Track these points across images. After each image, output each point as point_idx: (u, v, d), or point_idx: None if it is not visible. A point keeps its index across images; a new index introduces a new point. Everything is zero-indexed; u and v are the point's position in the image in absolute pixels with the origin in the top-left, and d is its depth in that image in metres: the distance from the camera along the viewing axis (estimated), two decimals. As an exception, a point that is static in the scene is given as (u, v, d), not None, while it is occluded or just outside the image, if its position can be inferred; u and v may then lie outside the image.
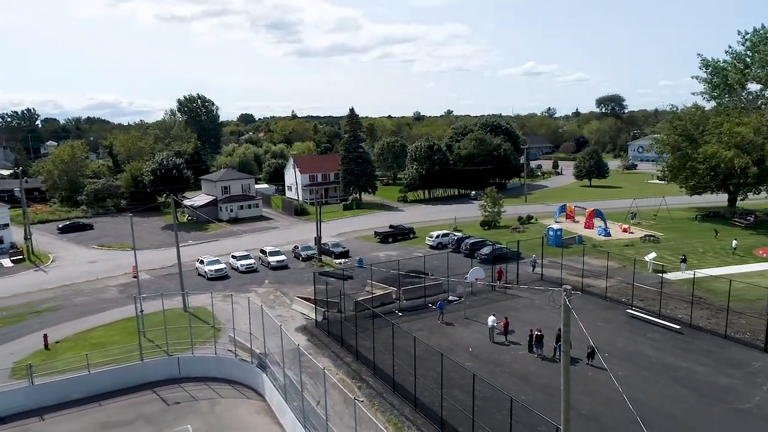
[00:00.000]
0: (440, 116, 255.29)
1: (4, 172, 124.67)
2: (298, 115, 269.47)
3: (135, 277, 43.69)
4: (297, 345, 24.96)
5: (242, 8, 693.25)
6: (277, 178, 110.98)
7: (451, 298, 40.33)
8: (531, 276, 45.62)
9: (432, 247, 57.47)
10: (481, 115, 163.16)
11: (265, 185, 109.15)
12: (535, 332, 30.86)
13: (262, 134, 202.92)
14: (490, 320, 33.34)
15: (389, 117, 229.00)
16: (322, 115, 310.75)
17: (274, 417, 26.04)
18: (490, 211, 68.22)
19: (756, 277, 42.46)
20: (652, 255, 47.66)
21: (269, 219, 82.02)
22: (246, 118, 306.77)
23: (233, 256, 53.03)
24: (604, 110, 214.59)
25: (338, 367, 30.61)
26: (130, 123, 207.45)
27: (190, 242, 65.56)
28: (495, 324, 33.24)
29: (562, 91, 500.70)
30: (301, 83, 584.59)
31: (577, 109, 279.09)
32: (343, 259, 54.34)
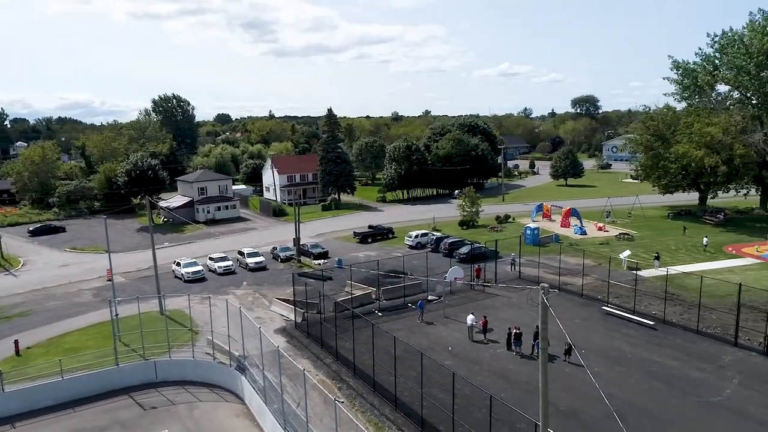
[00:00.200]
0: (418, 116, 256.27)
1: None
2: (276, 116, 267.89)
3: (110, 281, 42.87)
4: (276, 347, 24.79)
5: (219, 7, 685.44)
6: (254, 178, 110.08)
7: (430, 298, 40.51)
8: (509, 275, 46.08)
9: (411, 247, 57.65)
10: (459, 116, 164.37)
11: (243, 186, 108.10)
12: (514, 330, 31.18)
13: (239, 135, 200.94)
14: (469, 319, 33.59)
15: (367, 117, 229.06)
16: (299, 115, 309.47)
17: (254, 420, 25.82)
18: (469, 210, 68.72)
19: (726, 273, 43.61)
20: (627, 253, 48.59)
21: (247, 220, 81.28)
22: (222, 119, 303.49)
23: (211, 258, 52.42)
24: (579, 111, 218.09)
25: (318, 368, 30.50)
26: (104, 123, 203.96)
27: (167, 244, 64.60)
28: (474, 323, 33.50)
29: (538, 92, 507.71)
30: (278, 83, 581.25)
31: (553, 110, 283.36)
32: (322, 260, 54.16)
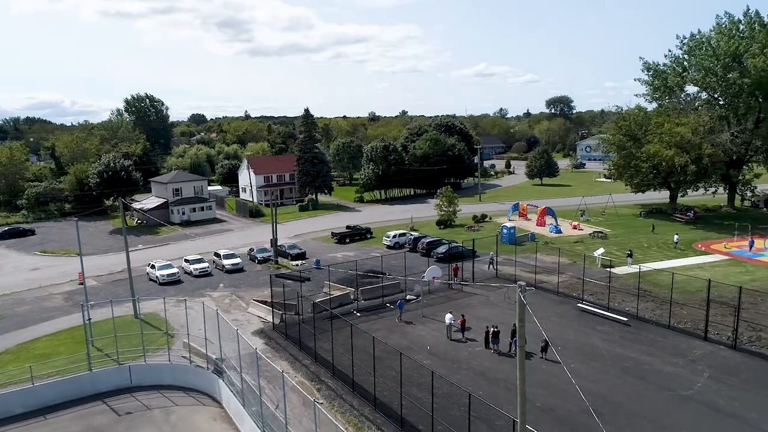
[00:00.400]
0: (395, 117, 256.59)
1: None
2: (252, 116, 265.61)
3: (81, 284, 41.88)
4: (254, 349, 24.60)
5: (191, 6, 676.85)
6: (230, 179, 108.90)
7: (408, 297, 40.63)
8: (486, 273, 46.50)
9: (389, 247, 57.73)
10: (436, 116, 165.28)
11: (219, 187, 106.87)
12: (492, 329, 31.48)
13: (214, 135, 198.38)
14: (448, 318, 33.80)
15: (344, 117, 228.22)
16: (276, 115, 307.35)
17: (232, 423, 25.57)
18: (446, 210, 69.12)
19: (696, 270, 44.76)
20: (601, 251, 49.46)
21: (223, 221, 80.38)
22: (197, 119, 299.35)
23: (186, 260, 51.69)
24: (553, 111, 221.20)
25: (297, 369, 30.34)
26: (74, 123, 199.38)
27: (141, 246, 63.51)
28: (452, 321, 33.71)
29: (514, 92, 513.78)
30: (254, 83, 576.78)
31: (528, 110, 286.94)
32: (300, 261, 53.87)
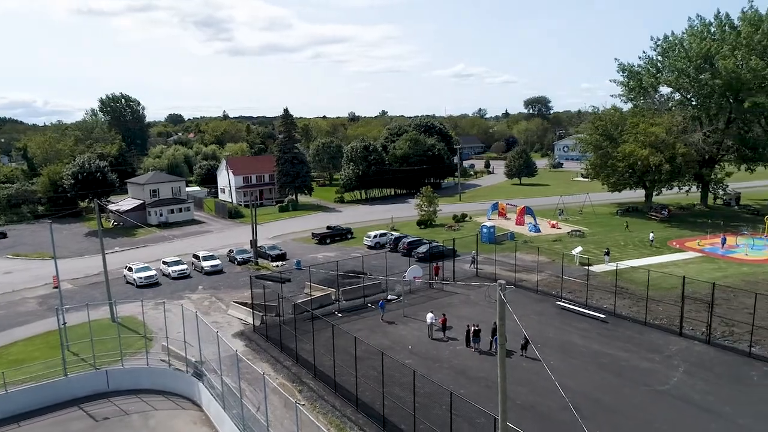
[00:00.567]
0: (375, 117, 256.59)
1: None
2: (230, 116, 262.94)
3: (56, 288, 41.04)
4: (235, 351, 24.38)
5: (168, 4, 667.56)
6: (209, 180, 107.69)
7: (390, 297, 40.69)
8: (467, 272, 46.79)
9: (370, 247, 57.72)
10: (415, 116, 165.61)
11: (197, 188, 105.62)
12: (473, 327, 31.70)
13: (192, 135, 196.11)
14: (429, 317, 33.94)
15: (324, 117, 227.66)
16: (255, 115, 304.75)
17: (212, 426, 25.29)
18: (426, 210, 69.37)
19: (671, 267, 45.70)
20: (579, 249, 50.17)
21: (202, 222, 79.45)
22: (174, 119, 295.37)
23: (164, 262, 50.99)
24: (531, 111, 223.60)
25: (278, 371, 30.16)
26: (47, 124, 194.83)
27: (117, 249, 62.46)
28: (434, 321, 33.87)
29: (492, 93, 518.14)
30: (232, 83, 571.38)
31: (507, 110, 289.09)
32: (281, 262, 53.54)
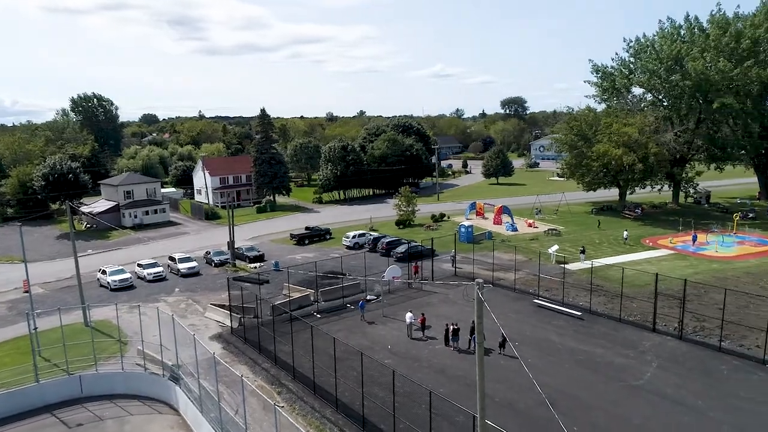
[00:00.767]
0: (353, 117, 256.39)
1: None
2: (206, 116, 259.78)
3: (26, 292, 40.01)
4: (212, 354, 24.12)
5: (141, 3, 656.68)
6: (185, 181, 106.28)
7: (369, 298, 40.69)
8: (446, 272, 47.04)
9: (349, 248, 57.63)
10: (393, 116, 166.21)
11: (173, 189, 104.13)
12: (452, 327, 31.89)
13: (167, 135, 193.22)
14: (408, 317, 34.04)
15: (302, 118, 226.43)
16: (231, 115, 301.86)
17: (190, 431, 24.96)
18: (405, 210, 69.57)
19: (644, 264, 46.63)
20: (555, 247, 50.86)
21: (178, 224, 78.32)
22: (149, 119, 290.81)
23: (139, 265, 50.16)
24: (508, 111, 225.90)
25: (256, 373, 29.92)
26: (15, 124, 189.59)
27: (90, 251, 61.21)
28: (412, 320, 33.97)
29: (470, 93, 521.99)
30: (208, 83, 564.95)
31: (484, 110, 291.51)
32: (259, 263, 53.12)
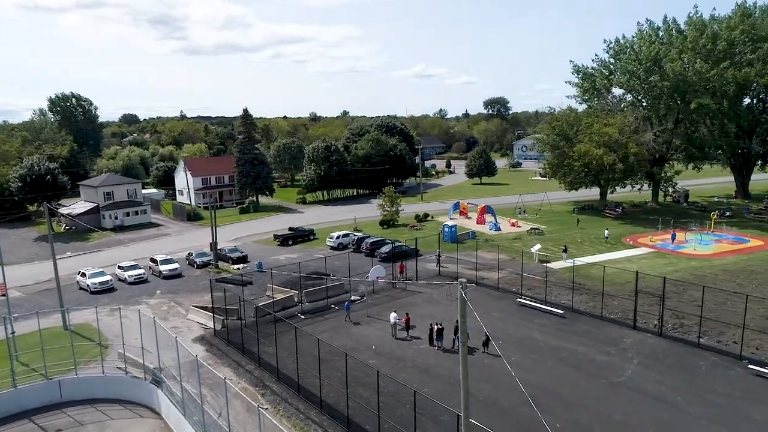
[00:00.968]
0: (336, 117, 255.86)
1: None
2: (188, 116, 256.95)
3: (3, 296, 39.23)
4: (195, 356, 23.87)
5: (120, 1, 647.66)
6: (166, 182, 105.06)
7: (353, 298, 40.64)
8: (431, 271, 47.17)
9: (333, 248, 57.48)
10: (377, 116, 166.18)
11: (154, 190, 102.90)
12: (436, 326, 32.00)
13: (148, 136, 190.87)
14: (392, 317, 34.08)
15: (285, 118, 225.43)
16: (213, 115, 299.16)
17: (172, 434, 24.69)
18: (389, 210, 69.62)
19: (625, 263, 47.27)
20: (538, 246, 51.33)
21: (159, 225, 77.39)
22: (129, 119, 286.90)
23: (120, 267, 49.45)
24: (490, 112, 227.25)
25: (240, 375, 29.69)
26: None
27: (69, 254, 60.20)
28: (397, 320, 34.02)
29: (452, 93, 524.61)
30: (190, 83, 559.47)
31: (467, 111, 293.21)
32: (242, 264, 52.74)
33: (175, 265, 50.36)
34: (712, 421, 23.53)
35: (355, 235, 59.40)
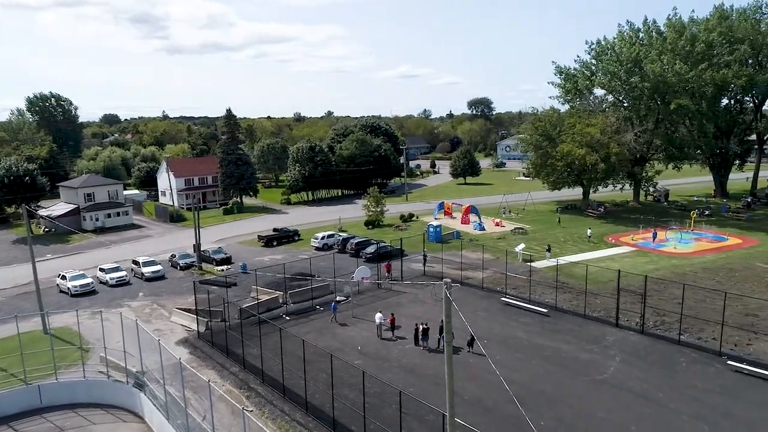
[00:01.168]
0: (321, 117, 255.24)
1: None
2: (170, 116, 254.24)
3: (-19, 300, 38.49)
4: (178, 359, 23.64)
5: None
6: (149, 183, 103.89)
7: (339, 298, 40.55)
8: (417, 271, 47.25)
9: (318, 249, 57.31)
10: (361, 117, 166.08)
11: (136, 191, 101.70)
12: (421, 326, 32.07)
13: (129, 136, 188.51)
14: (378, 317, 34.08)
15: (269, 118, 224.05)
16: (196, 115, 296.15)
17: (156, 438, 24.42)
18: (374, 210, 69.60)
19: (607, 261, 47.86)
20: (522, 246, 51.72)
21: (142, 227, 76.48)
22: (110, 119, 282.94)
23: (101, 269, 48.75)
24: (474, 112, 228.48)
25: (224, 378, 29.46)
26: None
27: (49, 256, 59.21)
28: (382, 320, 34.03)
29: (436, 94, 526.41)
30: (172, 82, 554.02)
31: (451, 111, 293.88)
32: (226, 266, 52.34)
33: (158, 267, 49.80)
34: (693, 417, 23.93)
35: (340, 236, 59.26)
